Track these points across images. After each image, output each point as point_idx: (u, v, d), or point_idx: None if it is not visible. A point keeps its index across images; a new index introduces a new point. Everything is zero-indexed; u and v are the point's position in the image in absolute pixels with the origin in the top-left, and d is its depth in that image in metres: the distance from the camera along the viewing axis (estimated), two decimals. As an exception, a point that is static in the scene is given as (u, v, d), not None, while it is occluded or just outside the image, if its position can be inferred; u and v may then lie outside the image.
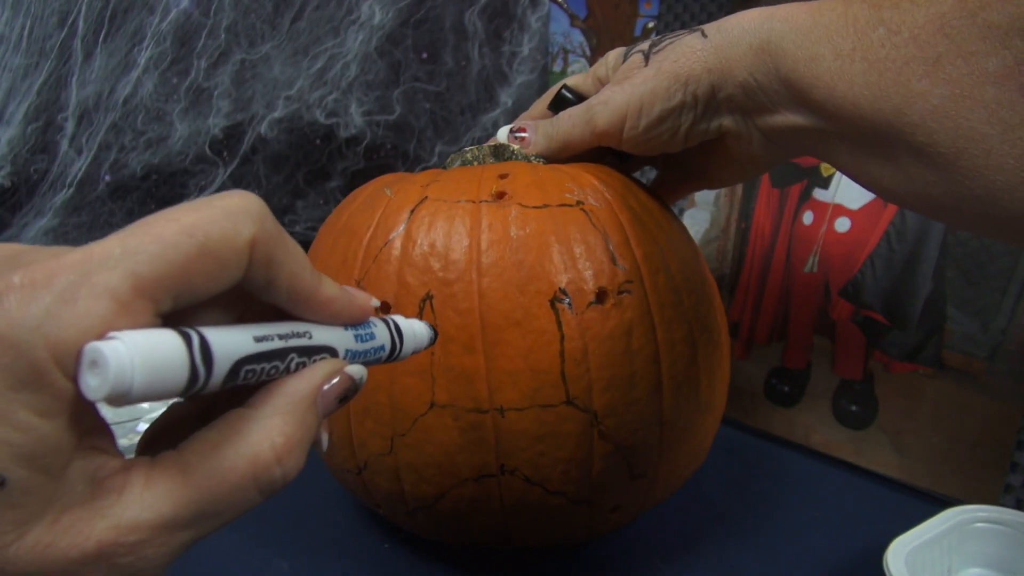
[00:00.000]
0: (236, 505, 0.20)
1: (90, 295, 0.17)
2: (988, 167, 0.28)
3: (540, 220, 0.35)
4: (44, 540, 0.17)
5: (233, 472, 0.20)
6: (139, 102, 0.77)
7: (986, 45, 0.27)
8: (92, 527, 0.18)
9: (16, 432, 0.16)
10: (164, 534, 0.19)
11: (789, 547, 0.45)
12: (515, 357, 0.33)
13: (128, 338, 0.17)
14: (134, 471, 0.19)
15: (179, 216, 0.19)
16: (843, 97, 0.31)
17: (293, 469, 0.21)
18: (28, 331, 0.16)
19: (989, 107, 0.27)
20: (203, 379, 0.18)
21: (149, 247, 0.18)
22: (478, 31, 0.78)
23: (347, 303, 0.23)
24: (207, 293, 0.19)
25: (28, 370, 0.16)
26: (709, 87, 0.36)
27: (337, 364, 0.23)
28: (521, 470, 0.35)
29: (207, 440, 0.20)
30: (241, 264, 0.20)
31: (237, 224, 0.19)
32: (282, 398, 0.21)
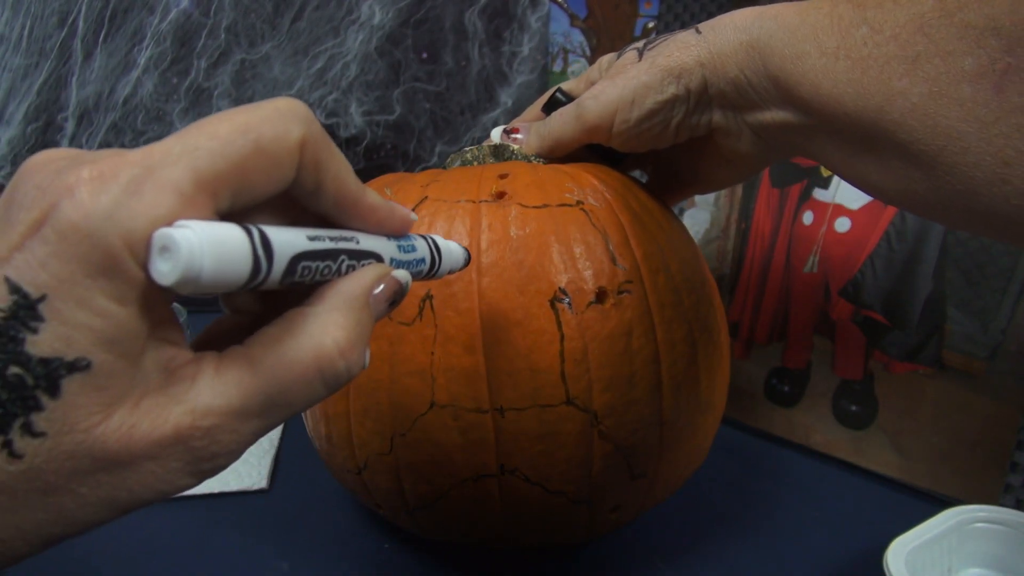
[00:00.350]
0: (302, 396, 0.21)
1: (155, 188, 0.18)
2: (966, 164, 0.28)
3: (540, 220, 0.35)
4: (128, 422, 0.18)
5: (299, 364, 0.21)
6: (139, 102, 0.77)
7: (963, 44, 0.28)
8: (169, 411, 0.19)
9: (96, 318, 0.17)
10: (235, 421, 0.20)
11: (789, 547, 0.45)
12: (515, 357, 0.34)
13: (197, 226, 0.18)
14: (204, 362, 0.20)
15: (233, 116, 0.19)
16: (827, 95, 0.31)
17: (356, 364, 0.22)
18: (101, 220, 0.17)
19: (965, 105, 0.28)
20: (264, 271, 0.19)
21: (207, 144, 0.19)
22: (478, 31, 0.78)
23: (390, 213, 0.24)
24: (262, 193, 0.20)
25: (103, 258, 0.17)
26: (702, 80, 0.36)
27: (385, 268, 0.24)
28: (521, 470, 0.35)
29: (271, 335, 0.21)
30: (293, 164, 0.20)
31: (288, 124, 0.20)
32: (338, 296, 0.22)
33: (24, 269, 0.17)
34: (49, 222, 0.17)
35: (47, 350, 0.17)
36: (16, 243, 0.17)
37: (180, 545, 0.44)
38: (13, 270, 0.17)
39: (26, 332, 0.17)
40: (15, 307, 0.17)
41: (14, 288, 0.17)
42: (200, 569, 0.43)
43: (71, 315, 0.17)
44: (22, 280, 0.17)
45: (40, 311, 0.17)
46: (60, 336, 0.17)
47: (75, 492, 0.18)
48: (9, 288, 0.17)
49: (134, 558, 0.43)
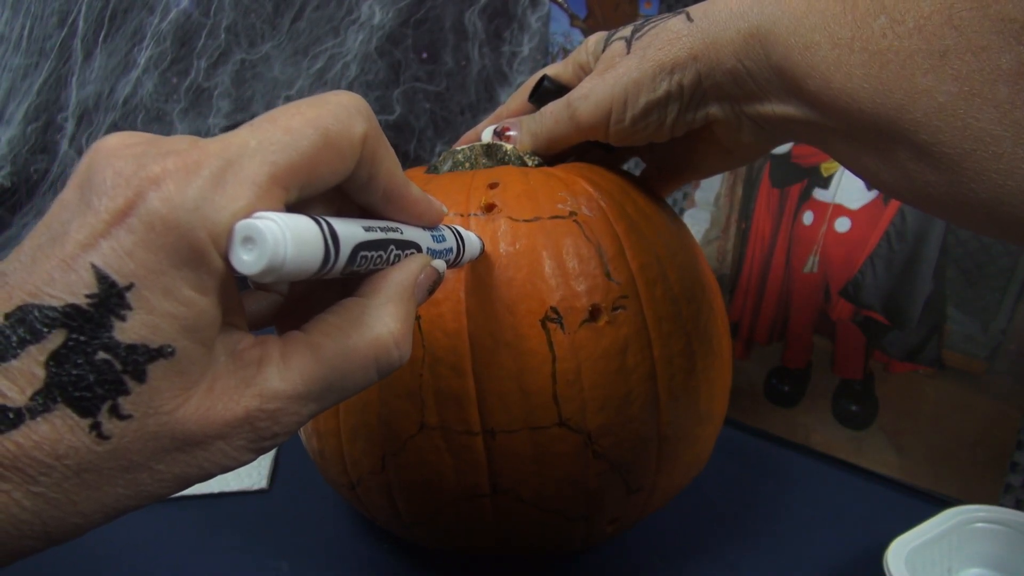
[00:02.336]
0: (358, 382, 0.22)
1: (236, 181, 0.18)
2: (998, 171, 0.26)
3: (531, 235, 0.34)
4: (205, 404, 0.19)
5: (358, 353, 0.22)
6: (139, 102, 0.77)
7: (999, 40, 0.25)
8: (241, 394, 0.20)
9: (181, 306, 0.18)
10: (296, 404, 0.21)
11: (789, 547, 0.45)
12: (505, 379, 0.33)
13: (278, 217, 0.18)
14: (269, 346, 0.21)
15: (304, 110, 0.20)
16: (840, 89, 0.29)
17: (406, 352, 0.23)
18: (187, 213, 0.18)
19: (1001, 107, 0.25)
20: (333, 260, 0.20)
21: (282, 138, 0.20)
22: (478, 31, 0.78)
23: (429, 206, 0.26)
24: (326, 185, 0.21)
25: (189, 249, 0.18)
26: (695, 75, 0.34)
27: (426, 258, 0.25)
28: (514, 490, 0.34)
29: (331, 323, 0.22)
30: (355, 157, 0.21)
31: (352, 119, 0.21)
32: (391, 287, 0.23)
33: (111, 257, 0.17)
34: (136, 212, 0.18)
35: (134, 337, 0.18)
36: (101, 230, 0.18)
37: (180, 545, 0.44)
38: (100, 257, 0.17)
39: (114, 319, 0.18)
40: (104, 295, 0.17)
41: (101, 276, 0.17)
42: (200, 569, 0.43)
43: (157, 304, 0.18)
44: (109, 267, 0.17)
45: (128, 299, 0.18)
46: (147, 324, 0.18)
47: (153, 469, 0.19)
48: (96, 275, 0.17)
49: (134, 558, 0.43)
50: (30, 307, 0.17)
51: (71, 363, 0.17)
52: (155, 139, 0.20)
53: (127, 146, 0.19)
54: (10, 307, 0.17)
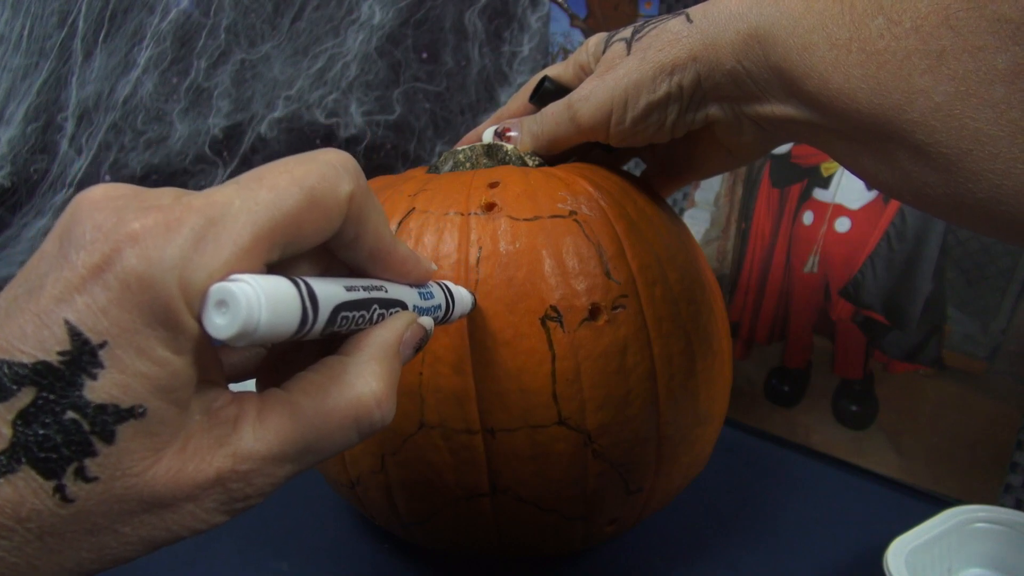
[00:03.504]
0: (336, 444, 0.22)
1: (216, 241, 0.18)
2: (994, 171, 0.26)
3: (531, 234, 0.34)
4: (175, 465, 0.19)
5: (337, 413, 0.21)
6: (139, 102, 0.77)
7: (996, 40, 0.25)
8: (213, 455, 0.19)
9: (154, 366, 0.18)
10: (272, 465, 0.20)
11: (789, 547, 0.45)
12: (505, 378, 0.33)
13: (253, 281, 0.18)
14: (246, 404, 0.20)
15: (290, 168, 0.20)
16: (838, 90, 0.29)
17: (389, 413, 0.23)
18: (164, 272, 0.17)
19: (998, 107, 0.25)
20: (311, 322, 0.20)
21: (267, 197, 0.19)
22: (478, 31, 0.78)
23: (416, 264, 0.25)
24: (310, 243, 0.21)
25: (164, 309, 0.17)
26: (695, 76, 0.34)
27: (412, 316, 0.25)
28: (513, 490, 0.34)
29: (312, 382, 0.22)
30: (341, 216, 0.21)
31: (340, 178, 0.21)
32: (374, 346, 0.23)
33: (85, 313, 0.17)
34: (112, 268, 0.17)
35: (104, 396, 0.17)
36: (76, 285, 0.17)
37: (180, 545, 0.44)
38: (74, 313, 0.17)
39: (85, 378, 0.17)
40: (76, 352, 0.17)
41: (75, 332, 0.17)
42: (200, 569, 0.43)
43: (130, 363, 0.17)
44: (82, 324, 0.17)
45: (100, 358, 0.17)
46: (118, 383, 0.17)
47: (119, 532, 0.18)
48: (69, 331, 0.17)
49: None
50: (0, 363, 0.17)
51: (39, 422, 0.17)
52: (140, 192, 0.19)
53: (110, 199, 0.18)
54: None
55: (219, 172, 0.78)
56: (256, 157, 0.78)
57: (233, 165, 0.78)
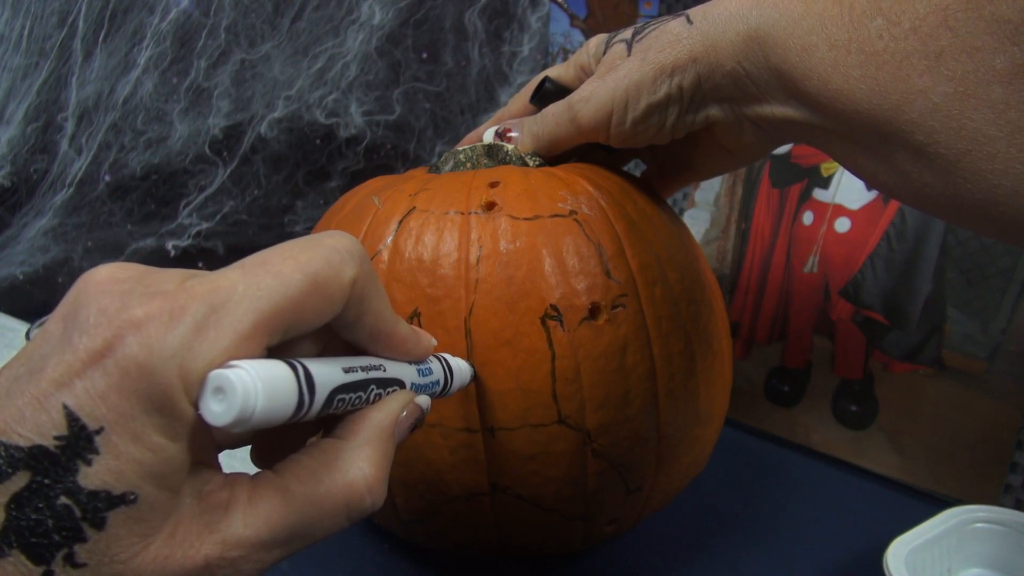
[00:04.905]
0: (327, 529, 0.22)
1: (217, 328, 0.18)
2: (992, 171, 0.26)
3: (531, 233, 0.34)
4: (163, 552, 0.18)
5: (329, 499, 0.21)
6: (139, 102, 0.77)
7: (994, 41, 0.25)
8: (202, 541, 0.19)
9: (148, 453, 0.18)
10: (260, 551, 0.20)
11: (789, 547, 0.45)
12: (505, 377, 0.33)
13: (250, 367, 0.18)
14: (237, 488, 0.20)
15: (295, 254, 0.20)
16: (837, 91, 0.29)
17: (380, 498, 0.23)
18: (165, 360, 0.18)
19: (996, 107, 0.25)
20: (307, 406, 0.20)
21: (271, 283, 0.19)
22: (478, 31, 0.78)
23: (416, 342, 0.25)
24: (312, 326, 0.21)
25: (162, 396, 0.18)
26: (695, 77, 0.34)
27: (408, 395, 0.25)
28: (513, 489, 0.34)
29: (305, 466, 0.22)
30: (343, 300, 0.21)
31: (344, 263, 0.21)
32: (369, 429, 0.23)
33: (84, 399, 0.17)
34: (113, 355, 0.17)
35: (97, 482, 0.17)
36: (77, 370, 0.17)
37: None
38: (72, 398, 0.17)
39: (80, 463, 0.17)
40: (73, 438, 0.17)
41: (72, 417, 0.17)
42: (200, 569, 0.43)
43: (125, 449, 0.17)
44: (81, 410, 0.17)
45: (96, 444, 0.17)
46: (111, 469, 0.17)
47: None
48: (67, 416, 0.17)
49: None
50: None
51: (31, 507, 0.17)
52: (145, 275, 0.19)
53: (116, 281, 0.19)
54: None
55: (219, 172, 0.78)
56: (256, 157, 0.78)
57: (233, 165, 0.78)
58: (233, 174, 0.78)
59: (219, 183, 0.78)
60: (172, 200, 0.78)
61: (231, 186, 0.78)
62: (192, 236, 0.78)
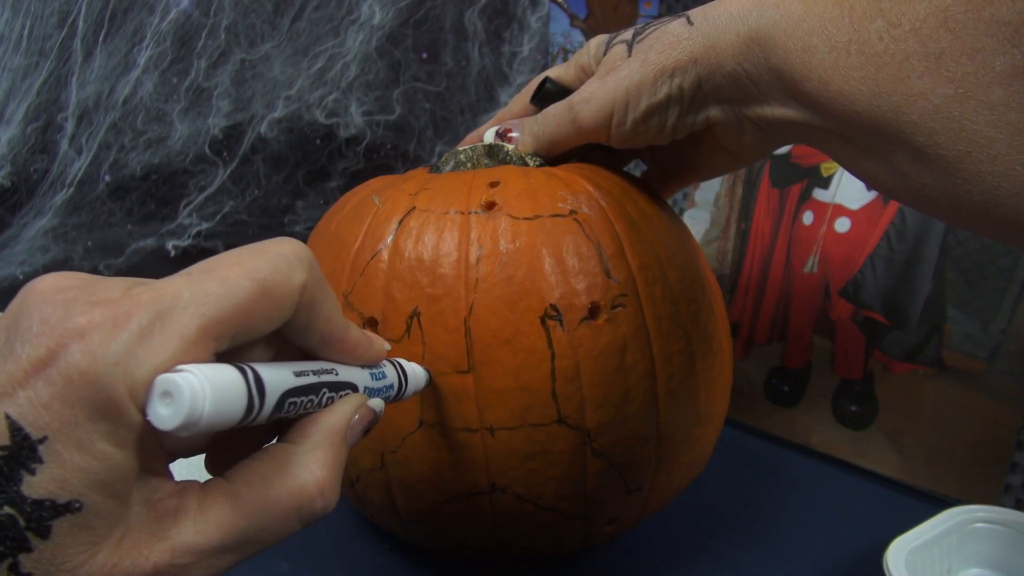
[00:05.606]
0: (278, 533, 0.22)
1: (162, 334, 0.18)
2: (992, 172, 0.26)
3: (531, 233, 0.34)
4: (111, 561, 0.18)
5: (279, 503, 0.21)
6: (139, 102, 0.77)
7: (993, 42, 0.25)
8: (151, 549, 0.19)
9: (94, 460, 0.18)
10: (211, 557, 0.20)
11: (789, 547, 0.45)
12: (504, 376, 0.33)
13: (198, 371, 0.18)
14: (187, 496, 0.20)
15: (242, 260, 0.20)
16: (838, 92, 0.29)
17: (332, 501, 0.23)
18: (108, 368, 0.17)
19: (996, 109, 0.25)
20: (257, 409, 0.20)
21: (217, 289, 0.19)
22: (478, 31, 0.78)
23: (368, 347, 0.26)
24: (260, 333, 0.21)
25: (107, 404, 0.17)
26: (695, 78, 0.34)
27: (361, 399, 0.25)
28: (512, 488, 0.34)
29: (255, 471, 0.22)
30: (292, 306, 0.21)
31: (292, 269, 0.21)
32: (320, 433, 0.23)
33: (27, 408, 0.17)
34: (56, 364, 0.17)
35: (42, 491, 0.17)
36: (19, 379, 0.17)
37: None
38: (15, 408, 0.17)
39: (24, 473, 0.17)
40: (16, 447, 0.17)
41: (15, 427, 0.17)
42: (200, 569, 0.43)
43: (69, 457, 0.17)
44: (24, 419, 0.17)
45: (40, 453, 0.17)
46: (56, 478, 0.17)
47: None
48: (10, 426, 0.17)
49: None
50: None
51: None
52: (89, 284, 0.19)
53: (60, 290, 0.19)
54: None
55: (219, 172, 0.78)
56: (256, 157, 0.78)
57: (233, 165, 0.78)
58: (233, 174, 0.78)
59: (219, 183, 0.78)
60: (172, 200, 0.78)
61: (231, 186, 0.78)
62: (192, 236, 0.78)
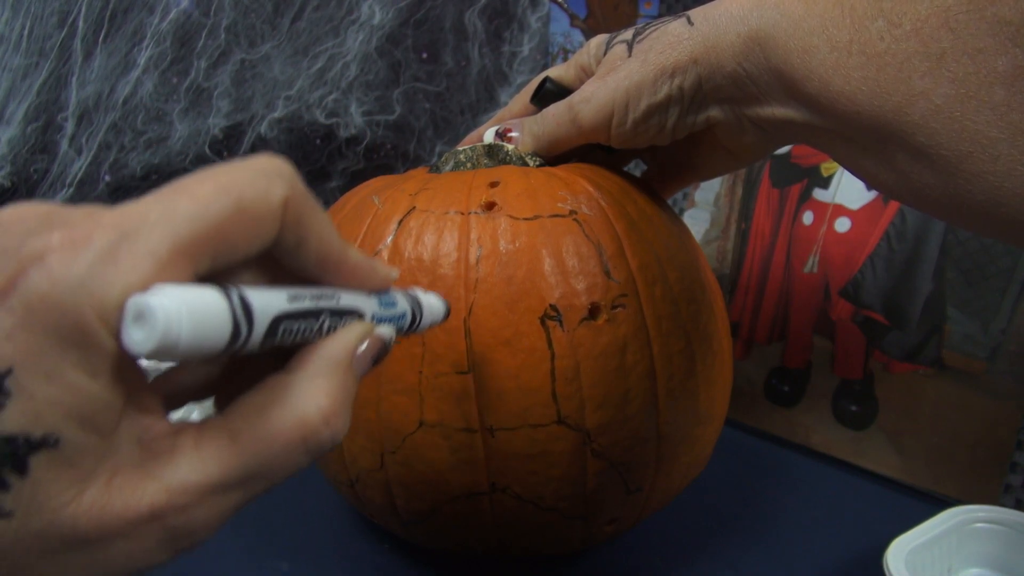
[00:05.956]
0: (285, 467, 0.20)
1: (130, 254, 0.17)
2: (994, 172, 0.26)
3: (531, 233, 0.34)
4: (100, 500, 0.17)
5: (281, 435, 0.20)
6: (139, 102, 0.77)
7: (995, 42, 0.25)
8: (144, 488, 0.18)
9: (66, 392, 0.17)
10: (214, 496, 0.19)
11: (789, 547, 0.45)
12: (504, 376, 0.33)
13: (173, 291, 0.17)
14: (182, 435, 0.19)
15: (215, 177, 0.19)
16: (839, 92, 0.29)
17: (341, 430, 0.21)
18: (72, 290, 0.16)
19: (998, 109, 0.25)
20: (245, 334, 0.18)
21: (187, 207, 0.18)
22: (478, 31, 0.78)
23: (371, 270, 0.24)
24: (244, 254, 0.20)
25: (74, 329, 0.16)
26: (696, 78, 0.34)
27: (366, 326, 0.23)
28: (512, 488, 0.34)
29: (252, 404, 0.20)
30: (275, 223, 0.20)
31: (270, 183, 0.20)
32: (321, 361, 0.21)
33: None
34: (16, 291, 0.16)
35: (13, 426, 0.16)
36: None
37: (180, 545, 0.44)
38: None
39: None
40: None
41: None
42: (200, 569, 0.43)
43: (38, 389, 0.16)
44: None
45: (6, 385, 0.16)
46: (27, 411, 0.16)
47: (42, 572, 0.17)
48: None
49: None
50: None
51: None
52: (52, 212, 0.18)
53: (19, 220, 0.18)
54: None
55: (219, 172, 0.78)
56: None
57: (233, 165, 0.78)
58: (233, 174, 0.78)
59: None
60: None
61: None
62: (192, 236, 0.78)
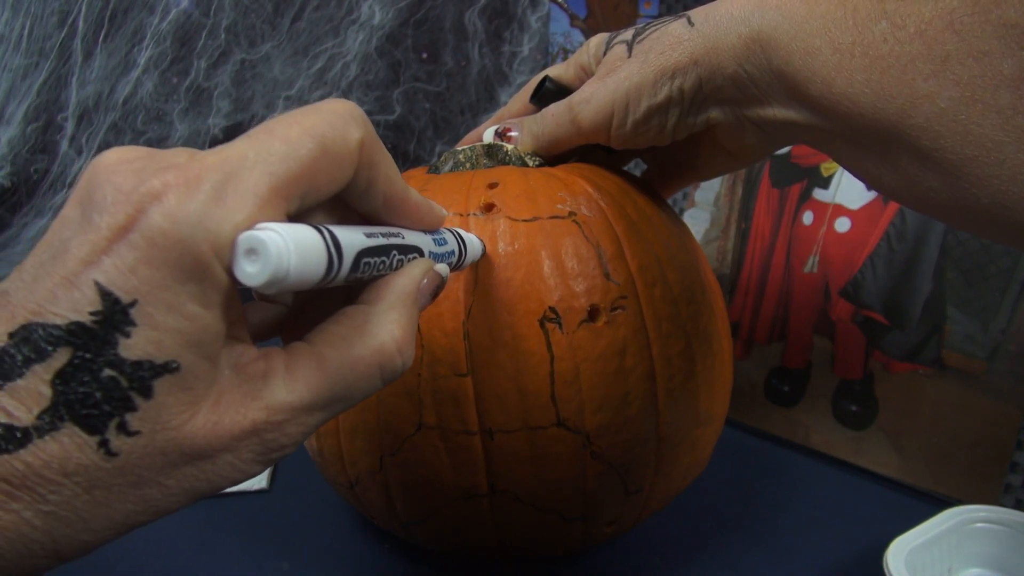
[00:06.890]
0: (364, 390, 0.23)
1: (236, 193, 0.18)
2: (1000, 177, 0.26)
3: (530, 235, 0.34)
4: (212, 419, 0.19)
5: (362, 362, 0.22)
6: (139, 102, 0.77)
7: (1001, 45, 0.25)
8: (247, 407, 0.20)
9: (185, 321, 0.18)
10: (303, 415, 0.21)
11: (789, 547, 0.45)
12: (503, 379, 0.33)
13: (280, 228, 0.18)
14: (273, 359, 0.21)
15: (299, 120, 0.20)
16: (841, 94, 0.29)
17: (410, 358, 0.23)
18: (190, 227, 0.18)
19: (1004, 113, 0.25)
20: (336, 268, 0.20)
21: (280, 148, 0.20)
22: (478, 31, 0.78)
23: (429, 210, 0.26)
24: (326, 193, 0.21)
25: (193, 263, 0.18)
26: (696, 79, 0.34)
27: (428, 263, 0.26)
28: (512, 490, 0.34)
29: (336, 333, 0.22)
30: (353, 164, 0.21)
31: (348, 126, 0.21)
32: (393, 294, 0.23)
33: (114, 273, 0.17)
34: (137, 227, 0.18)
35: (139, 353, 0.18)
36: (102, 247, 0.18)
37: (180, 545, 0.44)
38: (102, 274, 0.17)
39: (119, 336, 0.18)
40: (108, 312, 0.17)
41: (105, 292, 0.17)
42: (200, 569, 0.43)
43: (161, 319, 0.18)
44: (112, 284, 0.17)
45: (132, 316, 0.18)
46: (151, 340, 0.18)
47: (163, 484, 0.19)
48: (99, 292, 0.17)
49: (135, 558, 0.43)
50: (34, 326, 0.17)
51: (77, 381, 0.17)
52: (153, 153, 0.20)
53: (126, 161, 0.19)
54: (13, 326, 0.17)
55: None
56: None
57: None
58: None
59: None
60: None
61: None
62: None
